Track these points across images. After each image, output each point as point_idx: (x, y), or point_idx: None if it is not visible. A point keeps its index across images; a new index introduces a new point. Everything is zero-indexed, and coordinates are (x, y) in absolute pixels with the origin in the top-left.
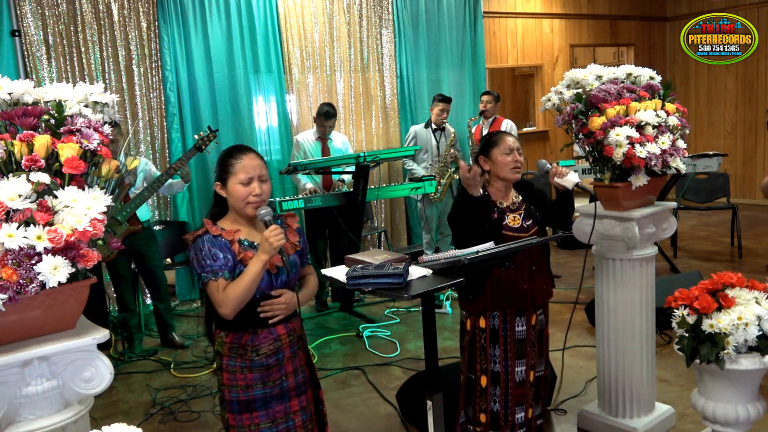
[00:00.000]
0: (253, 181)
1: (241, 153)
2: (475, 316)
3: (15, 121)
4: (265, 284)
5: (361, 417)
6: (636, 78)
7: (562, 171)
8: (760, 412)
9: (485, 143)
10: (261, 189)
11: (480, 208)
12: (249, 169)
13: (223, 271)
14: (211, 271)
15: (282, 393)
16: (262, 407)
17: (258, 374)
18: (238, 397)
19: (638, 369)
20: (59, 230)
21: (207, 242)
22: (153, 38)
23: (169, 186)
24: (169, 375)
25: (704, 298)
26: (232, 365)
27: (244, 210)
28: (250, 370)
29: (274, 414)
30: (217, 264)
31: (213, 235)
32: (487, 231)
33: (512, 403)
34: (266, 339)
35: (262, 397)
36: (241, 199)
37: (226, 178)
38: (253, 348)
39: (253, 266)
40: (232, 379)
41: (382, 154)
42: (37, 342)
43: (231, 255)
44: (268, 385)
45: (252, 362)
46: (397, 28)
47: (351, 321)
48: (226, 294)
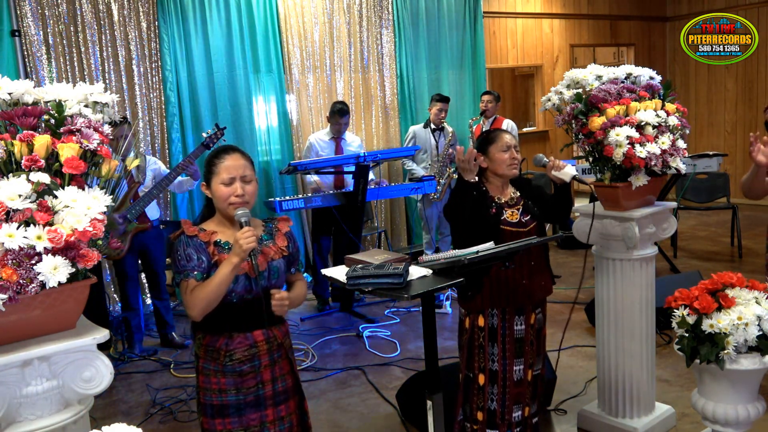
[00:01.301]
0: (235, 182)
1: (226, 153)
2: (474, 314)
3: (15, 121)
4: (242, 288)
5: (361, 417)
6: (636, 78)
7: (559, 164)
8: (760, 412)
9: (482, 141)
10: (243, 190)
11: (476, 200)
12: (231, 169)
13: (194, 272)
14: (183, 271)
15: (257, 401)
16: (235, 413)
17: (231, 380)
18: (211, 401)
19: (638, 369)
20: (59, 230)
21: (183, 243)
22: (153, 38)
23: (179, 184)
24: (169, 375)
25: (704, 298)
26: (207, 368)
27: (226, 210)
28: (223, 375)
29: (248, 422)
30: (189, 264)
31: (188, 236)
32: (485, 226)
33: (509, 401)
34: (241, 344)
35: (235, 403)
36: (222, 200)
37: (210, 179)
38: (226, 353)
39: (223, 268)
40: (206, 382)
41: (382, 154)
42: (37, 342)
43: (206, 256)
44: (242, 391)
45: (225, 367)
46: (397, 28)
47: (351, 321)
48: (194, 295)
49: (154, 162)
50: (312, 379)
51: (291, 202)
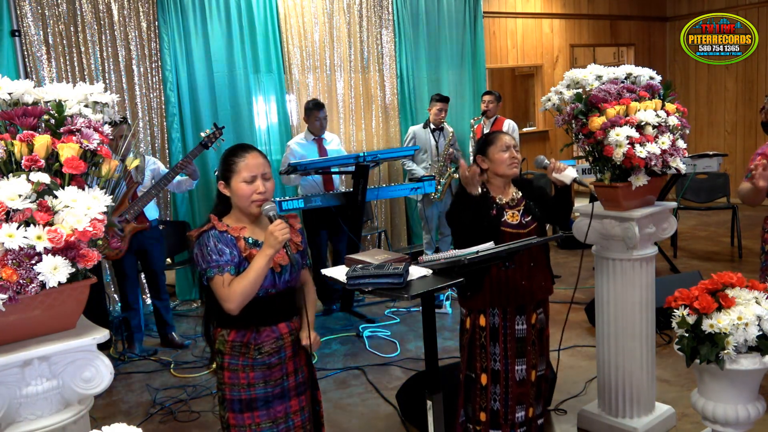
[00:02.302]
0: (256, 179)
1: (245, 152)
2: (475, 313)
3: (15, 121)
4: (268, 282)
5: (361, 417)
6: (636, 78)
7: (560, 166)
8: (760, 412)
9: (482, 143)
10: (265, 187)
11: (478, 206)
12: (252, 167)
13: (229, 266)
14: (217, 266)
15: (283, 392)
16: (263, 406)
17: (260, 373)
18: (239, 396)
19: (638, 369)
20: (59, 230)
21: (213, 237)
22: (153, 38)
23: (178, 184)
24: (169, 375)
25: (704, 298)
26: (234, 363)
27: (249, 208)
28: (252, 369)
29: (275, 413)
30: (223, 259)
31: (219, 231)
32: (486, 228)
33: (512, 401)
34: (269, 337)
35: (263, 396)
36: (245, 198)
37: (229, 177)
38: (255, 346)
39: (259, 260)
40: (233, 378)
41: (382, 154)
42: (37, 342)
43: (237, 251)
44: (269, 384)
45: (254, 360)
46: (397, 28)
47: (351, 321)
48: (232, 289)
49: (153, 162)
50: None
51: (291, 202)
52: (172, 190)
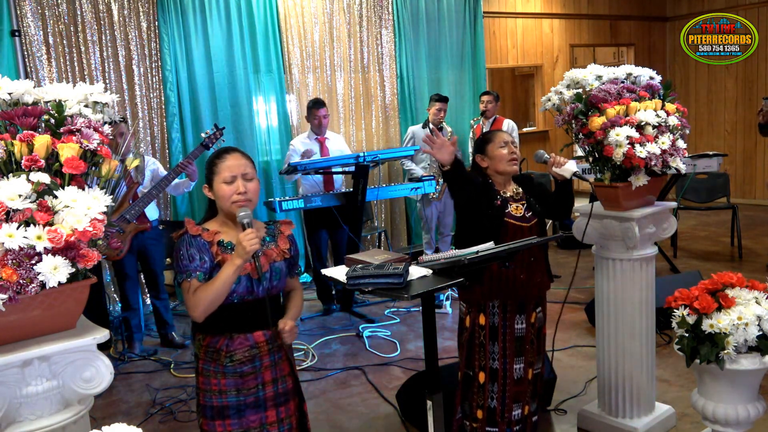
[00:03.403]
0: (236, 179)
1: (226, 153)
2: (475, 312)
3: (15, 121)
4: (244, 289)
5: (361, 417)
6: (636, 78)
7: (560, 160)
8: (760, 412)
9: (480, 142)
10: (245, 187)
11: (484, 189)
12: (233, 167)
13: (196, 273)
14: (186, 272)
15: (257, 402)
16: (235, 415)
17: (232, 380)
18: (211, 402)
19: (638, 369)
20: (59, 230)
21: (185, 242)
22: (153, 38)
23: (176, 186)
24: (169, 375)
25: (704, 298)
26: (207, 369)
27: (230, 209)
28: (224, 376)
29: (247, 423)
30: (192, 265)
31: (192, 235)
32: (491, 216)
33: (509, 400)
34: (242, 345)
35: (235, 404)
36: (225, 198)
37: (212, 179)
38: (227, 353)
39: (226, 269)
40: (206, 384)
41: (382, 154)
42: (37, 342)
43: (208, 256)
44: (242, 392)
45: (225, 368)
46: (397, 28)
47: (351, 321)
48: (197, 296)
49: (153, 162)
50: (312, 379)
51: (291, 203)
52: (169, 192)
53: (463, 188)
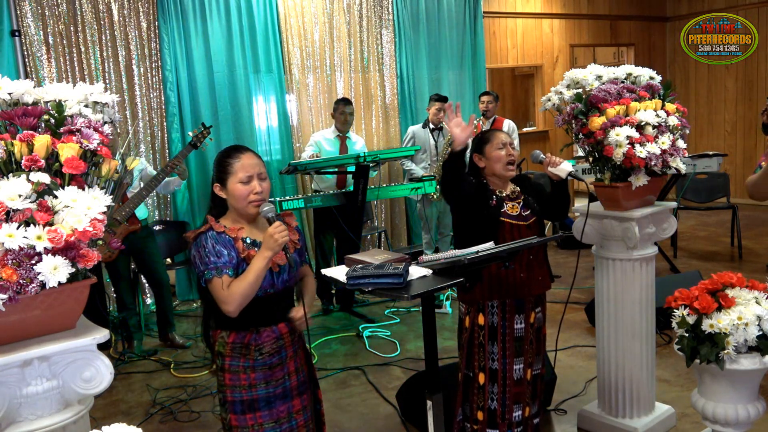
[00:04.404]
0: (252, 180)
1: (239, 152)
2: (474, 312)
3: (15, 121)
4: (266, 283)
5: (361, 417)
6: (636, 78)
7: (555, 160)
8: (760, 412)
9: (478, 141)
10: (261, 187)
11: (478, 189)
12: (248, 167)
13: (227, 268)
14: (216, 268)
15: (285, 392)
16: (265, 407)
17: (261, 374)
18: (241, 397)
19: (638, 369)
20: (59, 230)
21: (211, 239)
22: (153, 38)
23: (166, 184)
24: (169, 375)
25: (704, 298)
26: (235, 365)
27: (246, 209)
28: (253, 370)
29: (277, 414)
30: (221, 261)
31: (217, 232)
32: (486, 217)
33: (510, 401)
34: (269, 338)
35: (265, 396)
36: (242, 198)
37: (225, 179)
38: (256, 347)
39: (258, 262)
40: (234, 380)
41: (382, 154)
42: (37, 342)
43: (235, 252)
44: (271, 384)
45: (255, 361)
46: (397, 28)
47: (351, 321)
48: (231, 291)
49: (141, 163)
50: None
51: (291, 202)
52: (159, 191)
53: (458, 182)
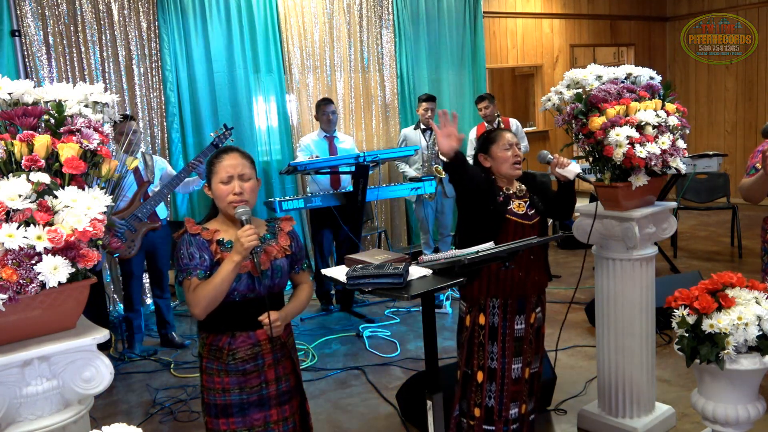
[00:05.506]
0: (233, 180)
1: (224, 153)
2: (475, 311)
3: (15, 121)
4: (245, 287)
5: (361, 417)
6: (636, 78)
7: (563, 161)
8: (760, 412)
9: (483, 140)
10: (241, 187)
11: (486, 184)
12: (229, 168)
13: (196, 271)
14: (186, 270)
15: (261, 400)
16: (239, 413)
17: (235, 378)
18: (215, 401)
19: (638, 369)
20: (59, 230)
21: (185, 241)
22: (153, 38)
23: (185, 184)
24: (169, 375)
25: (704, 298)
26: (210, 367)
27: (227, 209)
28: (227, 374)
29: (251, 421)
30: (192, 263)
31: (191, 234)
32: (492, 212)
33: (507, 399)
34: (244, 343)
35: (238, 402)
36: (222, 198)
37: (210, 179)
38: (229, 351)
39: (225, 266)
40: (210, 382)
41: (382, 154)
42: (37, 342)
43: (208, 255)
44: (245, 391)
45: (228, 366)
46: (397, 28)
47: (351, 321)
48: (197, 293)
49: (163, 162)
50: (312, 379)
51: (291, 202)
52: (178, 190)
53: (465, 181)
